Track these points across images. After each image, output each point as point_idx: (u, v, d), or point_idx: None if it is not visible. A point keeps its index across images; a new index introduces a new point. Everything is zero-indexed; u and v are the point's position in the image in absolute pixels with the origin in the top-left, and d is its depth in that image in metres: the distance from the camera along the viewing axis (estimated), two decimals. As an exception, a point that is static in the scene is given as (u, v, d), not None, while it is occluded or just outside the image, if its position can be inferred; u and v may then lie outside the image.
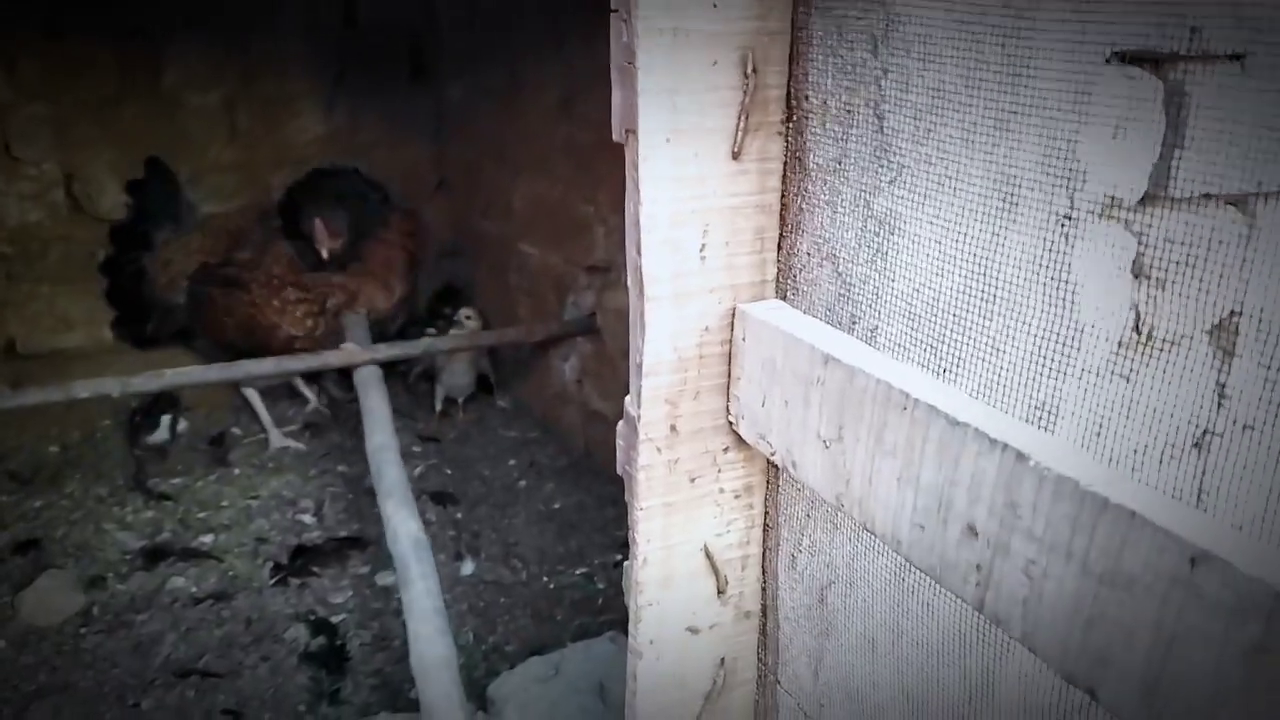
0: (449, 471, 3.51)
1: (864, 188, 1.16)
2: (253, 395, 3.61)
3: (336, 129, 4.26)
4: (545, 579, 2.90)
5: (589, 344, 3.40)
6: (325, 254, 3.48)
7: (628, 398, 1.35)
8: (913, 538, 1.00)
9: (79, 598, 2.76)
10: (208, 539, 3.07)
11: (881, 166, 1.14)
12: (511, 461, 3.58)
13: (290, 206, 3.76)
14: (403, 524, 2.51)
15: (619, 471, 1.42)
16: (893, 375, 1.00)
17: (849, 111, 1.15)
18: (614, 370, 3.25)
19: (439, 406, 3.82)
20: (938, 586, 1.04)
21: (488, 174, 4.03)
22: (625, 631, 2.39)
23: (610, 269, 3.21)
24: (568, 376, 3.55)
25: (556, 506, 3.26)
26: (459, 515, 3.23)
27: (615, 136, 1.26)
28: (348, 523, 3.18)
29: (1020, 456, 0.86)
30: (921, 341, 1.16)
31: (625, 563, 1.47)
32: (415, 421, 3.83)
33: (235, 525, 3.15)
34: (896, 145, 1.12)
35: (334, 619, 2.71)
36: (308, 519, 3.18)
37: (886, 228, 1.15)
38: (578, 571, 2.91)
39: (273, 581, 2.87)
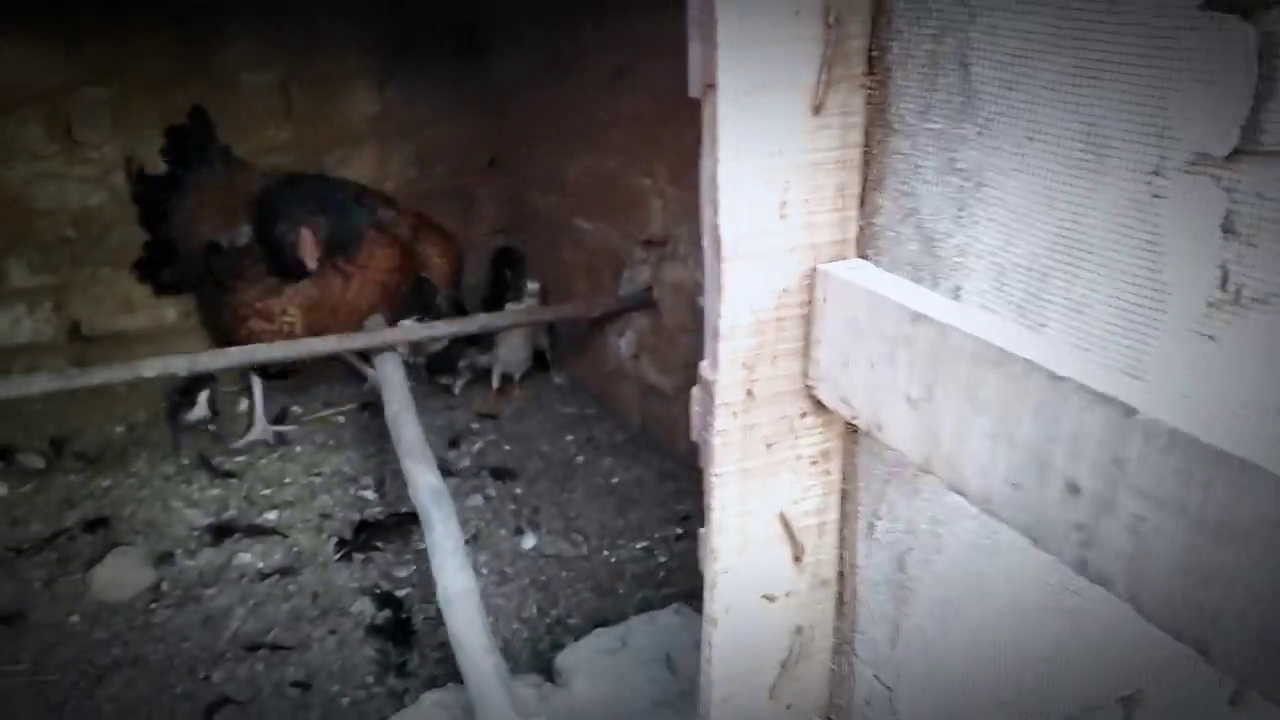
0: (507, 448, 3.52)
1: (949, 141, 1.13)
2: (255, 381, 3.60)
3: (389, 107, 4.26)
4: (606, 553, 2.90)
5: (645, 319, 3.38)
6: (311, 266, 3.25)
7: (703, 363, 1.33)
8: (1006, 496, 0.97)
9: (149, 573, 2.80)
10: (272, 515, 3.11)
11: (967, 119, 1.11)
12: (569, 437, 3.58)
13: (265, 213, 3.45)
14: (420, 476, 2.69)
15: (694, 438, 1.40)
16: (988, 331, 0.98)
17: (934, 62, 1.12)
18: (671, 345, 3.23)
19: (496, 384, 3.83)
20: (1024, 550, 1.01)
21: (541, 149, 4.02)
22: (689, 604, 2.39)
23: (667, 242, 3.19)
24: (624, 352, 3.54)
25: (615, 481, 3.25)
26: (518, 490, 3.23)
27: (692, 92, 1.24)
28: (408, 498, 3.19)
29: (1128, 411, 0.83)
30: (1007, 300, 1.13)
31: (689, 534, 1.45)
32: (471, 399, 3.85)
33: (299, 502, 3.18)
34: (983, 96, 1.09)
35: (399, 592, 2.73)
36: (370, 495, 3.21)
37: (972, 182, 1.12)
38: (638, 545, 2.91)
39: (338, 556, 2.90)
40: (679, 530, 2.94)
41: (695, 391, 1.35)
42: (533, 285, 3.66)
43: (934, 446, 1.06)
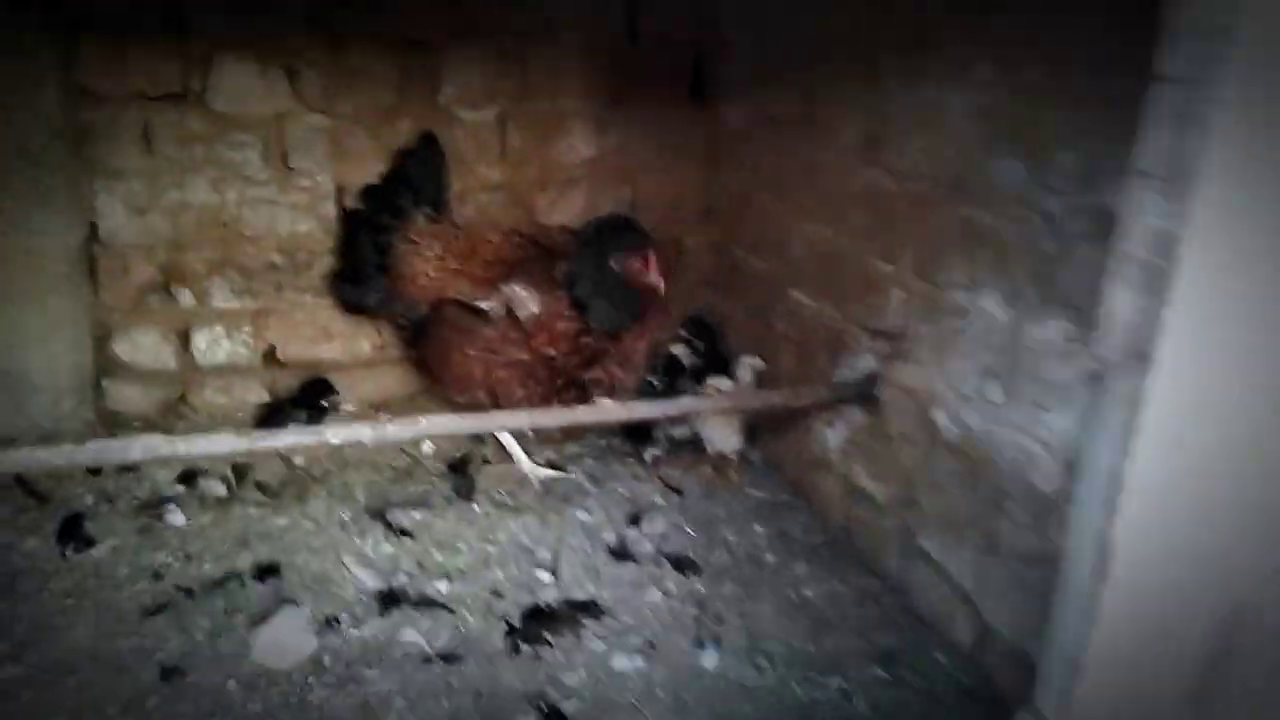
0: (691, 532, 3.24)
1: None
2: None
3: (606, 150, 4.07)
4: (795, 685, 2.57)
5: (861, 413, 3.04)
6: (661, 287, 3.19)
7: None
8: None
9: (311, 641, 2.66)
10: (443, 586, 2.92)
11: None
12: (759, 528, 3.27)
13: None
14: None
15: None
16: None
17: None
18: (889, 451, 2.88)
19: (711, 464, 3.57)
20: None
21: (762, 208, 3.73)
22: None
23: (902, 339, 2.83)
24: (831, 444, 3.21)
25: (808, 594, 2.92)
26: (700, 588, 2.95)
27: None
28: (584, 582, 2.96)
29: None
30: None
31: (896, 680, 1.12)
32: (659, 467, 3.60)
33: (471, 573, 2.99)
34: None
35: (564, 704, 2.48)
36: (544, 576, 2.98)
37: None
38: (833, 685, 2.56)
39: (505, 645, 2.68)
40: (882, 673, 2.58)
41: None
42: (751, 361, 3.38)
43: None
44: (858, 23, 3.03)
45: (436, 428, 2.97)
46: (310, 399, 3.78)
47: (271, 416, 3.73)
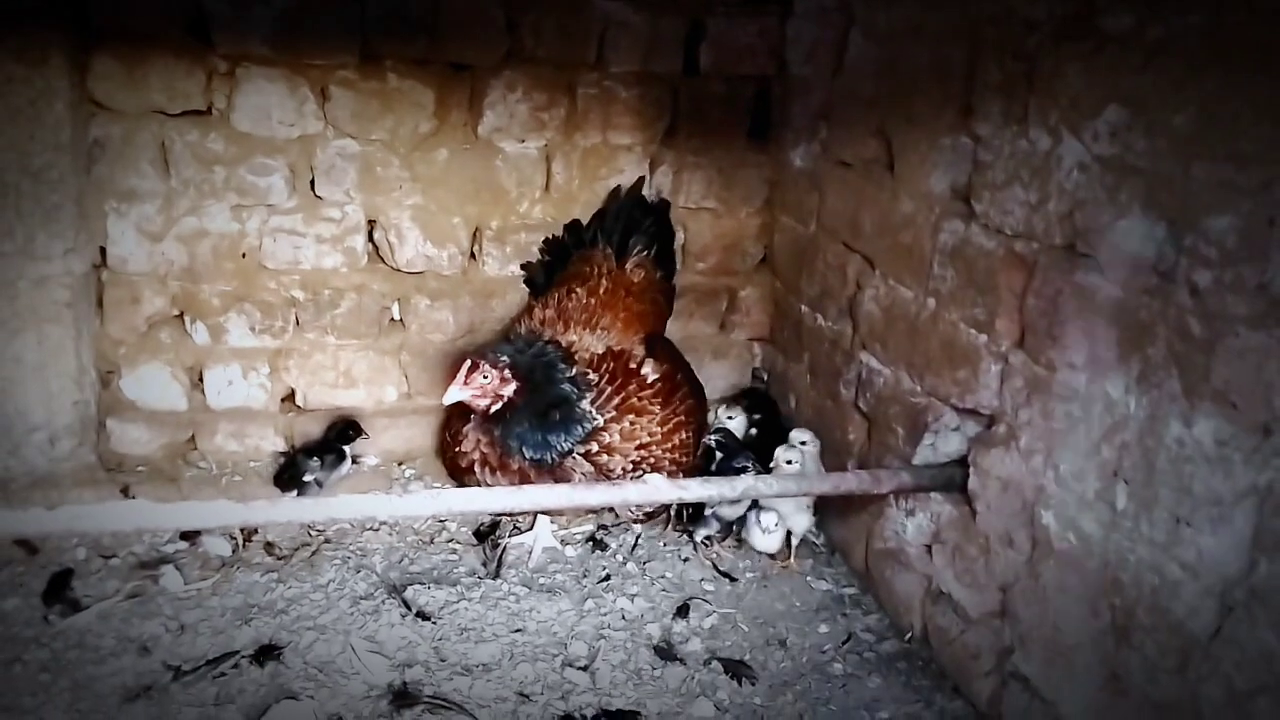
0: (745, 628, 2.86)
1: None
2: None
3: (658, 189, 3.73)
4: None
5: (948, 505, 2.65)
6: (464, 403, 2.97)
7: None
8: None
9: (310, 751, 2.31)
10: (463, 683, 2.56)
11: None
12: (823, 628, 2.88)
13: None
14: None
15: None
16: None
17: None
18: (984, 553, 2.49)
19: (776, 549, 3.18)
20: None
21: (828, 260, 3.37)
22: None
23: (999, 422, 2.45)
24: (910, 535, 2.82)
25: (884, 717, 2.52)
26: (758, 700, 2.57)
27: None
28: (623, 687, 2.59)
29: None
30: None
31: None
32: (710, 545, 3.23)
33: (495, 668, 2.63)
34: None
35: None
36: (578, 676, 2.61)
37: None
38: (919, 839, 2.18)
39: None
40: (975, 824, 2.20)
41: None
42: (804, 440, 3.02)
43: None
44: (945, 59, 2.67)
45: (462, 503, 2.61)
46: (339, 440, 3.46)
47: (292, 464, 3.42)
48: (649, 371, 3.18)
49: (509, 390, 2.88)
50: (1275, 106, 1.71)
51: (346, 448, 3.44)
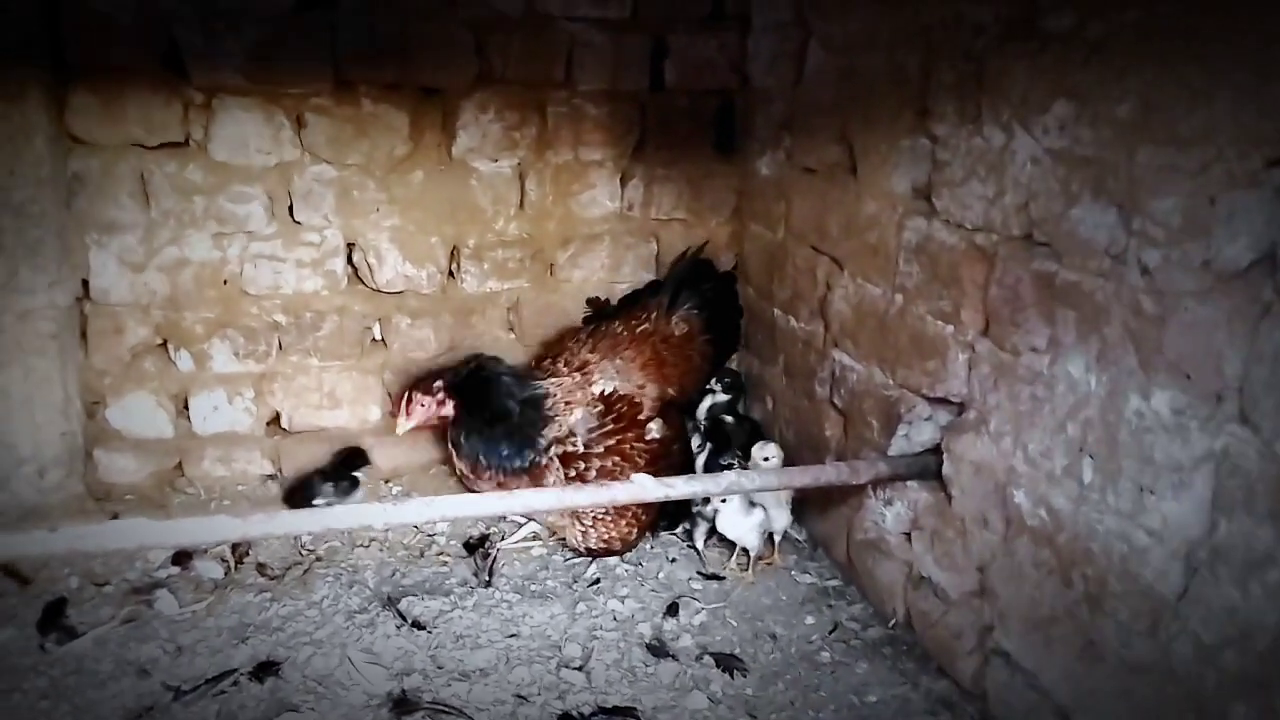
0: (734, 623, 2.93)
1: None
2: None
3: (629, 202, 3.83)
4: (869, 817, 2.26)
5: (924, 492, 2.74)
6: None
7: None
8: None
9: (314, 761, 2.36)
10: (461, 688, 2.61)
11: None
12: (809, 619, 2.96)
13: None
14: None
15: None
16: None
17: None
18: (961, 536, 2.57)
19: (756, 552, 3.23)
20: None
21: (798, 264, 3.47)
22: None
23: (968, 409, 2.55)
24: (889, 524, 2.91)
25: (872, 700, 2.60)
26: (750, 691, 2.63)
27: None
28: (618, 684, 2.65)
29: None
30: None
31: None
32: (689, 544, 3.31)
33: (492, 672, 2.68)
34: None
35: None
36: (574, 676, 2.67)
37: None
38: (911, 814, 2.26)
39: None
40: (964, 797, 2.27)
41: None
42: (768, 452, 3.12)
43: None
44: (900, 64, 2.78)
45: (454, 509, 2.66)
46: (345, 467, 3.52)
47: (305, 485, 3.47)
48: (654, 429, 3.34)
49: (448, 411, 3.24)
50: (1209, 92, 1.81)
51: (359, 474, 3.51)
